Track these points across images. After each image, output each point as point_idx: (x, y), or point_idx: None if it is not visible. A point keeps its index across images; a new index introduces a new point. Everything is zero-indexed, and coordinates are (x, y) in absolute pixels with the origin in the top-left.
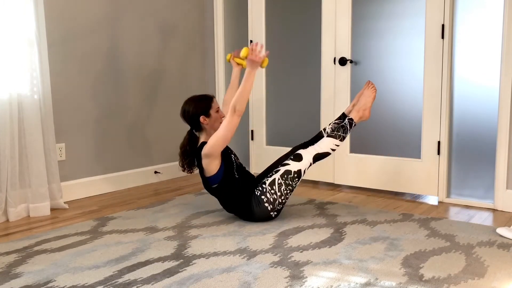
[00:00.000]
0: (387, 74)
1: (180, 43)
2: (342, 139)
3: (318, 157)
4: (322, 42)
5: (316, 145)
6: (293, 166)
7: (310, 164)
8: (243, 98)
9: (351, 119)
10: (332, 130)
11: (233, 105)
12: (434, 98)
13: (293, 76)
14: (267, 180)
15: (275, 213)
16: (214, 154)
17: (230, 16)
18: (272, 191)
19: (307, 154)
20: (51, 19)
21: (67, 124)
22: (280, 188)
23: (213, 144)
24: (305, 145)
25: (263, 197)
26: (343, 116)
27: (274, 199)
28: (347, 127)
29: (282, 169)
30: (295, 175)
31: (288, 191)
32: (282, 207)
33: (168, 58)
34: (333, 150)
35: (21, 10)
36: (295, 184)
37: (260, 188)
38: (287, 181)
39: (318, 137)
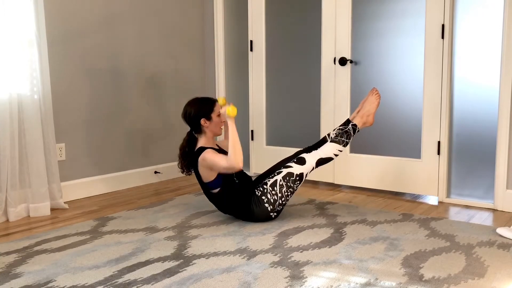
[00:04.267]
0: (387, 74)
1: (180, 43)
2: (345, 144)
3: (321, 162)
4: (322, 42)
5: (319, 149)
6: (295, 169)
7: (313, 168)
8: (240, 154)
9: (354, 125)
10: (336, 136)
11: (234, 165)
12: (434, 98)
13: (293, 76)
14: (269, 181)
15: (275, 213)
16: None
17: (230, 16)
18: (273, 192)
19: (311, 158)
20: (51, 19)
21: (67, 124)
22: (281, 190)
23: (213, 165)
24: (309, 150)
25: (263, 197)
26: (347, 122)
27: (275, 200)
28: (351, 133)
29: (285, 171)
30: (297, 178)
31: (289, 193)
32: (282, 208)
33: (168, 58)
34: (336, 155)
35: (21, 10)
36: (296, 186)
37: (261, 189)
38: (288, 183)
39: (322, 142)
